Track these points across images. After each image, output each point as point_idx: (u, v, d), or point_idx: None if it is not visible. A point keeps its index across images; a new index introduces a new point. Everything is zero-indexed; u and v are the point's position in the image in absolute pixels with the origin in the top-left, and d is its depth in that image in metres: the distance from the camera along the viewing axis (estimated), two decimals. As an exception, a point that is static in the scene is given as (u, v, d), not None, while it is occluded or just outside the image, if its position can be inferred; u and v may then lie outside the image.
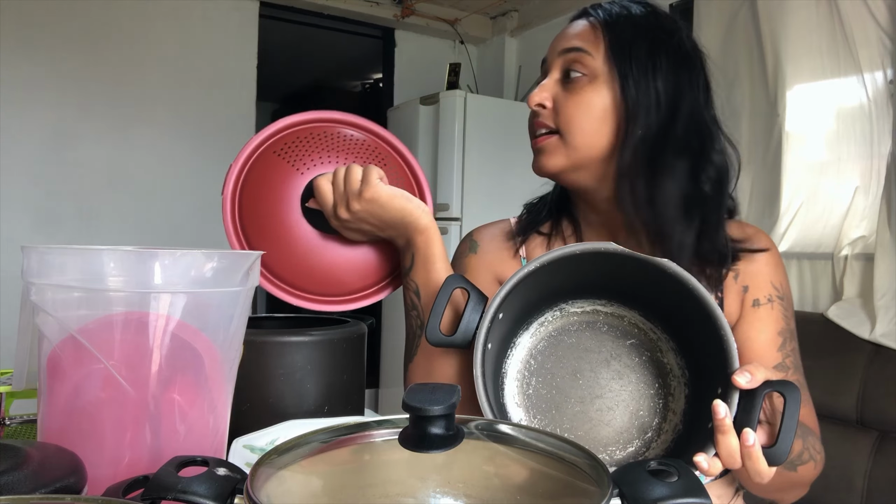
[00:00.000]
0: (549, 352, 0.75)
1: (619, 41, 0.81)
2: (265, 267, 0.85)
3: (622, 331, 0.74)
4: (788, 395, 0.59)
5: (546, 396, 0.74)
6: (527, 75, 3.47)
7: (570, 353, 0.74)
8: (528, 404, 0.74)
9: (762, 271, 0.85)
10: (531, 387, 0.74)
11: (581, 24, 0.85)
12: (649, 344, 0.73)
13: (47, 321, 0.55)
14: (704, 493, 0.40)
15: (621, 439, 0.71)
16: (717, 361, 0.63)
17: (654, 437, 0.71)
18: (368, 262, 0.89)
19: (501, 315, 0.69)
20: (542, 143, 0.84)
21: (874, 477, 1.40)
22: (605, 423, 0.72)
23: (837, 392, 1.48)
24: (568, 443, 0.44)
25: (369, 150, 0.90)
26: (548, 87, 0.83)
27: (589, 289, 0.74)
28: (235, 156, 0.87)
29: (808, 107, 2.04)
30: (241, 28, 3.24)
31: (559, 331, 0.75)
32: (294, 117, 0.89)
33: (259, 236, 0.85)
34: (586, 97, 0.81)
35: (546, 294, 0.74)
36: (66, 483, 0.44)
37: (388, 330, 3.32)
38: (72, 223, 2.91)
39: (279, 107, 5.86)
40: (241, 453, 0.67)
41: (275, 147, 0.87)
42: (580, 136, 0.81)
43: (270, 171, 0.85)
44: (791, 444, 0.60)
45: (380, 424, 0.46)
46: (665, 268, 0.65)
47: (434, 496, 0.43)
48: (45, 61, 2.84)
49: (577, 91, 0.81)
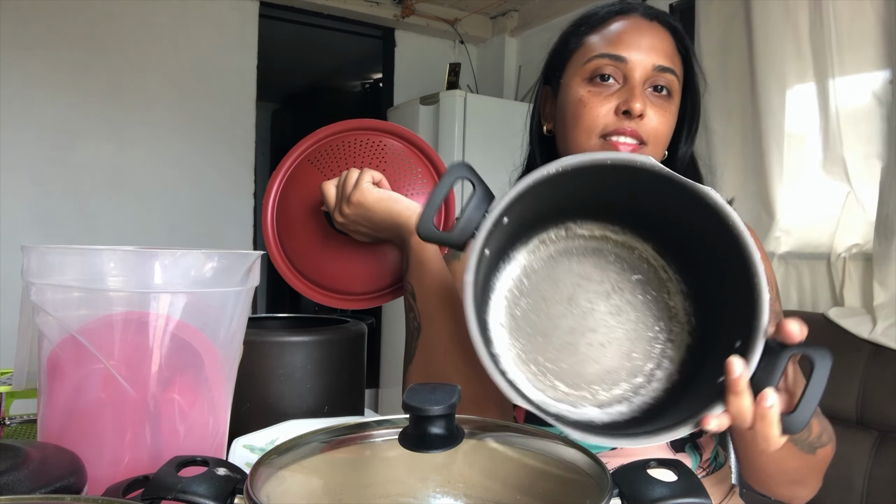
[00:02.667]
0: (546, 273, 0.68)
1: (687, 61, 0.88)
2: (294, 265, 0.94)
3: (630, 264, 0.68)
4: (819, 361, 0.53)
5: (534, 321, 0.67)
6: (527, 75, 3.47)
7: (569, 279, 0.68)
8: (514, 326, 0.67)
9: None
10: (519, 308, 0.67)
11: (665, 37, 0.86)
12: (657, 283, 0.67)
13: (47, 321, 0.55)
14: (704, 492, 0.40)
15: (608, 379, 0.65)
16: (741, 313, 0.56)
17: (644, 384, 0.65)
18: (385, 264, 0.92)
19: (507, 220, 0.61)
20: (634, 150, 0.83)
21: (874, 477, 1.40)
22: (593, 360, 0.66)
23: (837, 392, 1.48)
24: (568, 443, 0.44)
25: (397, 156, 0.94)
26: (644, 97, 0.83)
27: (602, 211, 0.67)
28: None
29: (807, 107, 2.04)
30: (241, 28, 3.24)
31: (561, 252, 0.68)
32: (329, 128, 0.97)
33: (290, 238, 0.95)
34: (670, 114, 0.85)
35: (554, 209, 0.66)
36: (66, 483, 0.44)
37: (388, 330, 3.32)
38: (72, 223, 2.91)
39: (279, 107, 5.87)
40: (241, 453, 0.67)
41: (310, 156, 0.96)
42: (661, 148, 0.86)
43: (304, 179, 0.95)
44: (811, 415, 0.54)
45: (380, 424, 0.46)
46: (704, 195, 0.57)
47: (434, 496, 0.43)
48: (45, 61, 2.83)
49: (662, 106, 0.84)
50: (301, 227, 0.94)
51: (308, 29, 3.69)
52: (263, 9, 3.29)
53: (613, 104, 0.82)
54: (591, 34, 0.87)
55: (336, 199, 0.86)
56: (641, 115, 0.81)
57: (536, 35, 3.49)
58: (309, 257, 0.94)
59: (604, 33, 0.86)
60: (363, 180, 0.83)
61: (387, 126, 0.97)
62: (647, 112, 0.82)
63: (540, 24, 3.43)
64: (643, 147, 0.83)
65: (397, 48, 3.73)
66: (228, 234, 3.23)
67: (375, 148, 0.94)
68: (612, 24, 0.86)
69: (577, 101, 0.84)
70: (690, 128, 0.92)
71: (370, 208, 0.83)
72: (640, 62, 0.83)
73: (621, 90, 0.83)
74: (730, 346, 0.57)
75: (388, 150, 0.94)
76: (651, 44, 0.84)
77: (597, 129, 0.83)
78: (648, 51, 0.83)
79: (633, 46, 0.83)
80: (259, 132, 3.37)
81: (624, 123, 0.82)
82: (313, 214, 0.93)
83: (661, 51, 0.84)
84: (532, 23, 3.50)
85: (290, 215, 0.95)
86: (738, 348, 0.55)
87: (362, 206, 0.83)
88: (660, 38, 0.85)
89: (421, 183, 0.93)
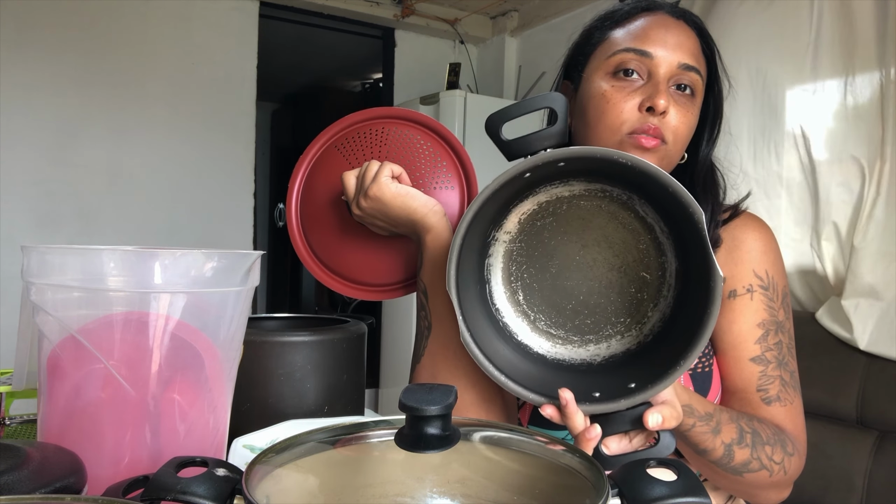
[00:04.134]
0: (547, 224, 0.73)
1: (711, 61, 0.88)
2: (312, 248, 0.95)
3: (625, 222, 0.71)
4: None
5: (532, 274, 0.73)
6: (527, 75, 3.47)
7: (569, 232, 0.72)
8: (511, 278, 0.74)
9: (744, 259, 0.86)
10: (517, 260, 0.73)
11: (691, 35, 0.85)
12: (651, 249, 0.70)
13: (47, 321, 0.55)
14: (704, 492, 0.40)
15: (595, 325, 0.71)
16: (678, 351, 0.61)
17: (611, 336, 0.71)
18: (401, 258, 0.92)
19: (529, 175, 0.65)
20: (655, 147, 0.81)
21: (874, 477, 1.40)
22: (583, 306, 0.72)
23: (837, 392, 1.48)
24: (565, 444, 0.44)
25: (423, 148, 0.93)
26: (668, 95, 0.81)
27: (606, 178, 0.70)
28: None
29: (807, 107, 2.04)
30: (241, 28, 3.24)
31: (566, 200, 0.71)
32: (358, 114, 0.96)
33: (311, 222, 0.95)
34: (692, 114, 0.84)
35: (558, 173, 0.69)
36: (66, 483, 0.45)
37: (388, 330, 3.31)
38: (72, 223, 2.91)
39: (279, 107, 5.87)
40: (241, 453, 0.67)
41: (337, 143, 0.95)
42: (681, 150, 0.85)
43: (329, 165, 0.94)
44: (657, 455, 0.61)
45: (377, 424, 0.46)
46: (691, 219, 0.60)
47: (431, 496, 0.43)
48: (45, 61, 2.84)
49: (685, 105, 0.83)
50: (323, 213, 0.94)
51: (308, 29, 3.68)
52: (263, 9, 3.29)
53: (637, 100, 0.81)
54: (616, 28, 0.86)
55: (355, 190, 0.85)
56: (664, 113, 0.80)
57: (536, 35, 3.49)
58: (328, 243, 0.94)
59: (629, 28, 0.85)
60: (382, 174, 0.82)
61: (416, 116, 0.95)
62: (670, 110, 0.80)
63: (540, 24, 3.43)
64: (664, 145, 0.81)
65: (397, 48, 3.72)
66: (228, 234, 3.23)
67: (403, 138, 0.93)
68: (637, 20, 0.85)
69: (601, 96, 0.83)
70: (712, 130, 0.91)
71: (387, 203, 0.82)
72: (666, 59, 0.81)
73: (645, 86, 0.81)
74: (667, 354, 0.62)
75: (415, 142, 0.93)
76: (677, 41, 0.82)
77: (621, 124, 0.81)
78: (674, 48, 0.82)
79: (658, 42, 0.82)
80: (259, 132, 3.36)
81: (648, 121, 0.80)
82: (335, 202, 0.93)
83: (686, 49, 0.82)
84: (532, 23, 3.50)
85: (313, 201, 0.94)
86: (631, 388, 0.62)
87: (379, 200, 0.82)
88: (686, 37, 0.84)
89: (445, 176, 0.92)
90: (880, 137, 1.71)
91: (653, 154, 0.81)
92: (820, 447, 1.38)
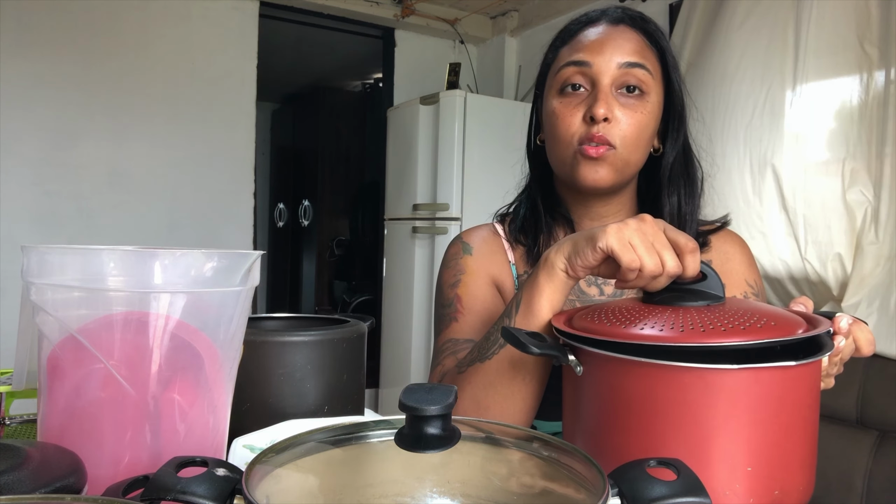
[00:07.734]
0: None
1: (664, 56, 0.87)
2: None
3: None
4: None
5: None
6: (527, 75, 3.47)
7: None
8: None
9: (735, 270, 0.91)
10: None
11: (632, 36, 0.85)
12: None
13: (47, 321, 0.55)
14: (704, 492, 0.40)
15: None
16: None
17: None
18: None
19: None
20: (601, 154, 0.82)
21: (874, 477, 1.40)
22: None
23: (837, 392, 1.48)
24: (564, 444, 0.44)
25: None
26: (610, 100, 0.82)
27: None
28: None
29: (808, 106, 2.04)
30: (241, 28, 3.24)
31: None
32: None
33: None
34: (641, 113, 0.84)
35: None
36: (66, 483, 0.44)
37: (388, 330, 3.31)
38: (72, 223, 2.91)
39: (279, 107, 5.87)
40: (241, 453, 0.67)
41: None
42: (634, 151, 0.85)
43: None
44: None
45: (377, 424, 0.46)
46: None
47: (431, 496, 0.43)
48: (45, 61, 2.84)
49: (633, 107, 0.83)
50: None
51: (308, 29, 3.69)
52: (263, 9, 3.29)
53: (582, 111, 0.84)
54: (563, 47, 0.89)
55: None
56: (608, 119, 0.82)
57: (536, 35, 3.49)
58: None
59: (571, 43, 0.88)
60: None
61: None
62: (616, 115, 0.82)
63: (540, 24, 3.43)
64: (613, 150, 0.82)
65: (397, 48, 3.73)
66: (228, 234, 3.23)
67: None
68: (580, 34, 0.88)
69: (552, 114, 0.87)
70: (674, 124, 0.91)
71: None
72: (604, 63, 0.83)
73: (589, 97, 0.84)
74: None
75: None
76: (615, 44, 0.84)
77: (571, 137, 0.84)
78: (612, 51, 0.84)
79: (595, 50, 0.84)
80: (259, 132, 3.36)
81: (591, 130, 0.82)
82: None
83: (626, 49, 0.84)
84: (532, 23, 3.50)
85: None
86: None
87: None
88: (625, 38, 0.85)
89: None
90: (881, 138, 1.71)
91: (602, 161, 0.83)
92: (820, 447, 1.38)
